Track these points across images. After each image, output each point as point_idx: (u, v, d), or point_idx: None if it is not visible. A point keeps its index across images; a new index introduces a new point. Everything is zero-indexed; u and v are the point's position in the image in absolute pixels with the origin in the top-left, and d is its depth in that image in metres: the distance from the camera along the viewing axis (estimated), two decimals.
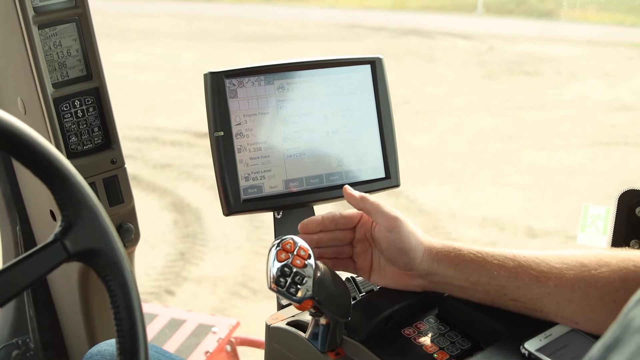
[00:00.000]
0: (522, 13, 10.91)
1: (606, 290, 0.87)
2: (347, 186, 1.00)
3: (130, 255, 1.45)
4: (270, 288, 0.87)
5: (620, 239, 1.20)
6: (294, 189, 1.11)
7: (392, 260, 0.95)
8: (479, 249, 0.93)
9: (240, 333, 2.08)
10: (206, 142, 1.09)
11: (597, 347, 0.51)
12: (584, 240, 1.40)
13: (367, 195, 0.97)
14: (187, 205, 4.25)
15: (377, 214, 0.94)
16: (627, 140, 5.52)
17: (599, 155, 5.21)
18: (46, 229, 1.45)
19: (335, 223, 0.98)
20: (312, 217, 0.99)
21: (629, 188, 1.18)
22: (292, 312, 1.02)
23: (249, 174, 1.08)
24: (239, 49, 9.02)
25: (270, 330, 1.00)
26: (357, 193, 0.98)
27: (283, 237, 0.89)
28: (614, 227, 1.20)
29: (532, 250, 0.94)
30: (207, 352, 1.89)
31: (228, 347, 2.00)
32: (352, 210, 1.00)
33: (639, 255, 0.89)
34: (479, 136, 5.68)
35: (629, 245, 1.19)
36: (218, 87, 1.06)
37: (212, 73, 1.07)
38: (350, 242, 1.00)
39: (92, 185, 1.30)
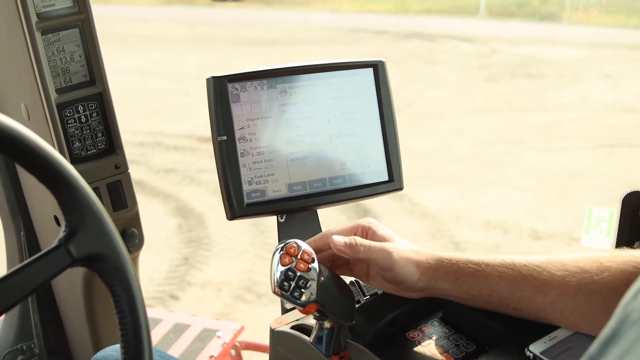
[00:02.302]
0: (524, 16, 10.91)
1: (610, 296, 0.86)
2: (333, 237, 0.93)
3: (135, 260, 1.46)
4: (274, 292, 0.87)
5: (624, 240, 1.19)
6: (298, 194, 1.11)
7: (390, 283, 0.94)
8: (478, 260, 0.91)
9: (244, 337, 2.09)
10: (209, 147, 1.09)
11: (596, 343, 0.51)
12: (588, 242, 1.40)
13: (354, 240, 0.93)
14: (191, 210, 4.26)
15: (371, 257, 0.92)
16: (631, 142, 5.51)
17: (602, 158, 5.20)
18: (50, 234, 1.46)
19: (328, 245, 0.95)
20: (308, 241, 0.96)
21: (633, 190, 1.18)
22: (296, 316, 1.02)
23: (252, 178, 1.08)
24: (241, 54, 9.02)
25: (274, 334, 1.00)
26: (342, 240, 0.93)
27: (287, 241, 0.89)
28: (618, 228, 1.19)
29: (532, 257, 0.91)
30: (211, 357, 1.89)
31: (232, 352, 2.00)
32: (346, 225, 0.98)
33: (638, 255, 0.89)
34: (481, 139, 5.68)
35: (633, 247, 1.18)
36: (221, 91, 1.07)
37: (214, 77, 1.07)
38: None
39: (96, 190, 1.30)
